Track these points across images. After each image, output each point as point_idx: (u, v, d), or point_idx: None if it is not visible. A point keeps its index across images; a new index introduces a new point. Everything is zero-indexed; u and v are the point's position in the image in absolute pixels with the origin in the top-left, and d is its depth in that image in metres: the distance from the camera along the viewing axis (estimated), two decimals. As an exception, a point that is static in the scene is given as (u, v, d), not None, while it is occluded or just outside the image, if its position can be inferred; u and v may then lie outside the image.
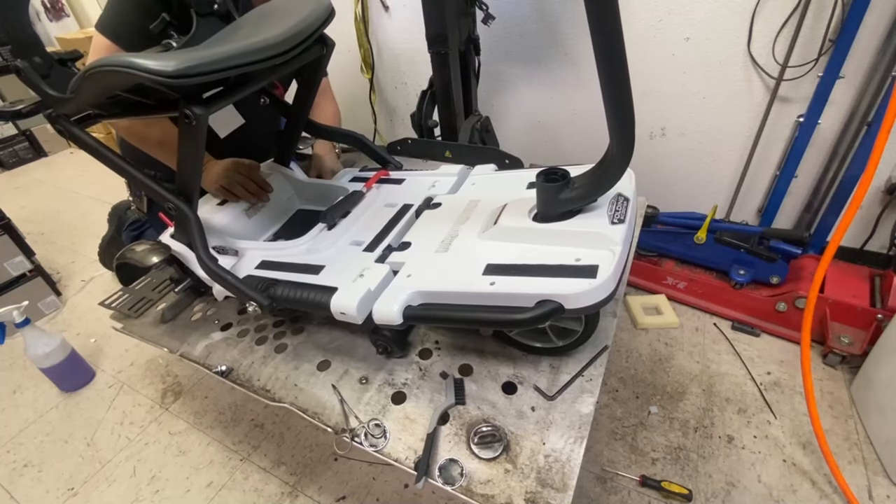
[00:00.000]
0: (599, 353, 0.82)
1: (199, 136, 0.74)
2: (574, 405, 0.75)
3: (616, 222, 0.70)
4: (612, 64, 0.56)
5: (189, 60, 0.62)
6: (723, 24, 1.34)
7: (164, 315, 1.09)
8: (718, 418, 1.23)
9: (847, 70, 1.25)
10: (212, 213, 1.07)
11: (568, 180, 0.72)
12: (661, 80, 1.51)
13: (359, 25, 1.91)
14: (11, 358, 1.64)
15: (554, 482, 0.65)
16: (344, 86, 2.16)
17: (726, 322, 1.50)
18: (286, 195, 1.20)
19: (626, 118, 0.60)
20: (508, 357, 0.85)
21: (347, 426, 0.76)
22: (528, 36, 1.64)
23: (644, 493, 1.08)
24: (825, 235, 1.47)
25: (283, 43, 0.74)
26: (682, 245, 1.54)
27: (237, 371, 0.91)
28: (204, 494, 1.16)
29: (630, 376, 1.36)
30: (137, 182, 0.83)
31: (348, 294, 0.75)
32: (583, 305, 0.63)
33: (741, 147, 1.52)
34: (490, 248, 0.76)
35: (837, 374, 1.31)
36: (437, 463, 0.69)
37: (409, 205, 0.98)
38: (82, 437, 1.34)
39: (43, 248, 2.21)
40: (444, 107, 1.44)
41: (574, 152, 1.84)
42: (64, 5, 3.24)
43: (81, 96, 0.71)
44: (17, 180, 3.07)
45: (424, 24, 1.28)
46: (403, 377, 0.84)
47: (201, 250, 0.84)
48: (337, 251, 0.90)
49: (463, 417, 0.75)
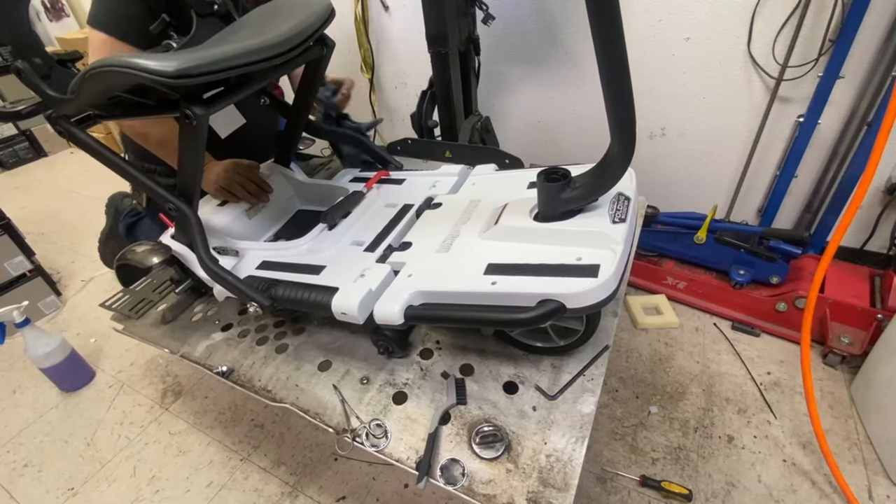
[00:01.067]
0: (601, 353, 0.82)
1: (199, 136, 0.74)
2: (575, 405, 0.75)
3: (617, 221, 0.70)
4: (612, 63, 0.56)
5: (190, 61, 0.62)
6: (723, 24, 1.34)
7: (165, 316, 1.08)
8: (718, 418, 1.23)
9: (847, 70, 1.25)
10: (212, 214, 1.06)
11: (569, 180, 0.72)
12: (661, 80, 1.51)
13: (359, 25, 1.91)
14: (11, 358, 1.63)
15: (556, 482, 0.65)
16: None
17: (726, 322, 1.50)
18: (286, 196, 1.20)
19: (626, 117, 0.61)
20: (510, 357, 0.85)
21: (349, 426, 0.76)
22: (528, 36, 1.64)
23: (644, 493, 1.08)
24: (825, 235, 1.48)
25: (284, 43, 0.74)
26: (682, 245, 1.54)
27: (238, 372, 0.91)
28: (204, 494, 1.16)
29: (630, 376, 1.36)
30: (139, 183, 0.83)
31: (349, 294, 0.75)
32: (584, 305, 0.63)
33: (741, 147, 1.52)
34: (491, 248, 0.76)
35: (837, 374, 1.31)
36: (438, 463, 0.69)
37: (410, 205, 0.98)
38: (82, 437, 1.34)
39: (43, 248, 2.21)
40: (444, 107, 1.44)
41: (574, 152, 1.83)
42: (64, 5, 3.24)
43: (82, 97, 0.71)
44: (17, 180, 3.06)
45: (424, 24, 1.28)
46: (405, 377, 0.84)
47: (202, 251, 0.84)
48: (338, 251, 0.90)
49: (464, 417, 0.75)
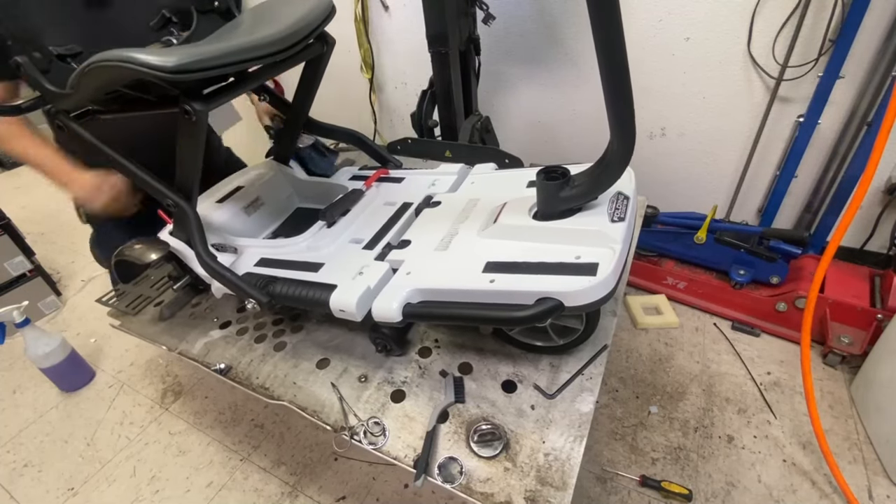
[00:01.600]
0: (599, 352, 0.82)
1: (198, 132, 0.74)
2: (574, 404, 0.74)
3: (616, 220, 0.70)
4: (612, 62, 0.56)
5: (189, 56, 0.62)
6: (723, 24, 1.34)
7: (163, 313, 1.08)
8: (718, 418, 1.22)
9: (847, 70, 1.25)
10: (211, 211, 1.06)
11: (568, 178, 0.72)
12: (661, 80, 1.51)
13: (359, 25, 1.91)
14: (11, 358, 1.63)
15: (553, 481, 0.64)
16: (344, 86, 2.16)
17: (726, 322, 1.50)
18: (285, 193, 1.20)
19: (626, 116, 0.60)
20: (508, 355, 0.84)
21: (346, 424, 0.76)
22: (528, 36, 1.64)
23: (644, 493, 1.07)
24: (825, 235, 1.47)
25: (284, 40, 0.74)
26: (682, 245, 1.54)
27: (236, 369, 0.90)
28: (204, 494, 1.16)
29: (630, 376, 1.36)
30: (137, 178, 0.83)
31: (348, 291, 0.74)
32: (583, 303, 0.62)
33: (741, 147, 1.52)
34: (490, 246, 0.76)
35: (837, 374, 1.30)
36: (436, 461, 0.68)
37: (409, 203, 0.97)
38: (82, 437, 1.33)
39: (43, 248, 2.21)
40: (444, 107, 1.44)
41: (574, 152, 1.83)
42: (65, 5, 3.24)
43: (81, 92, 0.71)
44: (17, 180, 3.07)
45: (424, 24, 1.28)
46: (403, 375, 0.83)
47: (200, 247, 0.83)
48: (336, 249, 0.90)
49: (462, 416, 0.75)
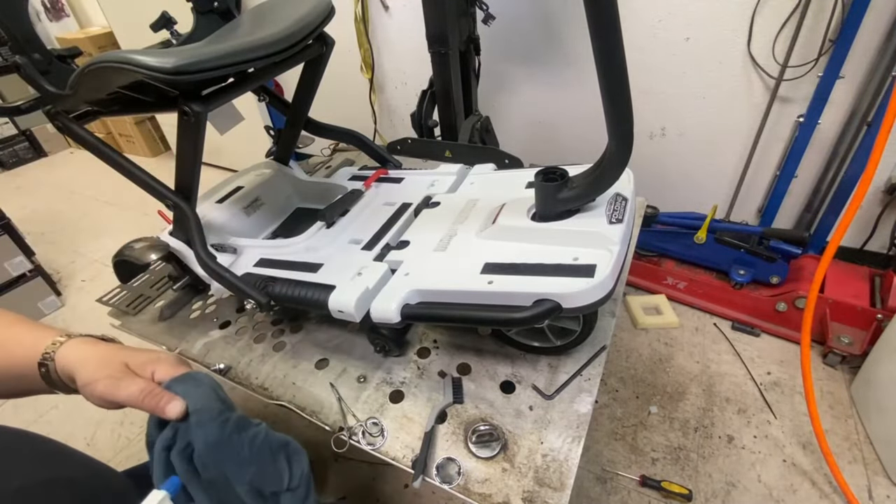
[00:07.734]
0: (598, 353, 0.82)
1: (197, 133, 0.73)
2: (572, 405, 0.74)
3: (614, 222, 0.70)
4: (610, 63, 0.56)
5: (188, 57, 0.62)
6: (723, 24, 1.34)
7: (163, 313, 1.08)
8: (718, 418, 1.22)
9: (847, 70, 1.25)
10: (210, 211, 1.06)
11: (566, 180, 0.72)
12: (661, 80, 1.51)
13: (359, 25, 1.91)
14: (10, 357, 1.64)
15: (551, 481, 0.64)
16: (344, 86, 2.16)
17: (726, 322, 1.50)
18: (285, 193, 1.20)
19: (624, 118, 0.60)
20: (507, 356, 0.84)
21: (345, 424, 0.76)
22: (528, 36, 1.64)
23: (644, 493, 1.07)
24: (825, 235, 1.47)
25: (283, 40, 0.74)
26: (682, 245, 1.54)
27: (235, 369, 0.91)
28: (202, 493, 1.16)
29: (630, 376, 1.36)
30: (136, 179, 0.83)
31: (346, 292, 0.74)
32: (580, 304, 0.62)
33: (741, 147, 1.52)
34: (488, 247, 0.76)
35: (837, 374, 1.30)
36: (434, 461, 0.68)
37: (408, 203, 0.97)
38: (82, 437, 1.33)
39: (43, 248, 2.21)
40: (444, 107, 1.43)
41: (575, 152, 1.83)
42: (64, 5, 3.24)
43: (80, 93, 0.71)
44: (17, 180, 3.07)
45: (424, 24, 1.28)
46: (401, 376, 0.83)
47: (200, 248, 0.83)
48: (335, 249, 0.90)
49: (461, 416, 0.75)
